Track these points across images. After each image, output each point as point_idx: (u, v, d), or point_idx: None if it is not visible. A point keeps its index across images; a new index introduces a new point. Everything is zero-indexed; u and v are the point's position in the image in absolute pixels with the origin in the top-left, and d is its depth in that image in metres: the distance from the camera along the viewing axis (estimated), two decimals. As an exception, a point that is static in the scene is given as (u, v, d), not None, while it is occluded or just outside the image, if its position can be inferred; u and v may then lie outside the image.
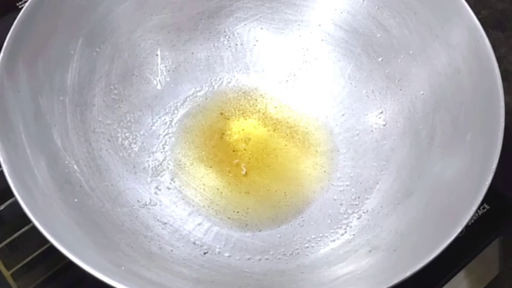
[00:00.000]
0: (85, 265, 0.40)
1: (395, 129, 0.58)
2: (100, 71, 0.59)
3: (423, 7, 0.57)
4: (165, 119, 0.62)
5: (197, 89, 0.64)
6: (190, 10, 0.65)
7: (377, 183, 0.56)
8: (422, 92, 0.56)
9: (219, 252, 0.53)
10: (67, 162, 0.52)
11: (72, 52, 0.57)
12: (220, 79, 0.65)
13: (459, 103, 0.52)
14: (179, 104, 0.63)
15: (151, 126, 0.61)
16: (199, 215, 0.55)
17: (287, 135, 0.61)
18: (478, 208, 0.43)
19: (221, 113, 0.59)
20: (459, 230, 0.42)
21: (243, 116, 0.61)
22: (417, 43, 0.57)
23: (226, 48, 0.66)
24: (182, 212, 0.56)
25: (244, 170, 0.58)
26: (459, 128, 0.51)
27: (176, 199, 0.56)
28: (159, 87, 0.63)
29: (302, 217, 0.56)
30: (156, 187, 0.57)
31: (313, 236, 0.53)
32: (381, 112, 0.60)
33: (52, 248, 0.41)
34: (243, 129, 0.59)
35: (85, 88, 0.58)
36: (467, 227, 0.42)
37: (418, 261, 0.41)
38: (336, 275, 0.48)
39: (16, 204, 0.43)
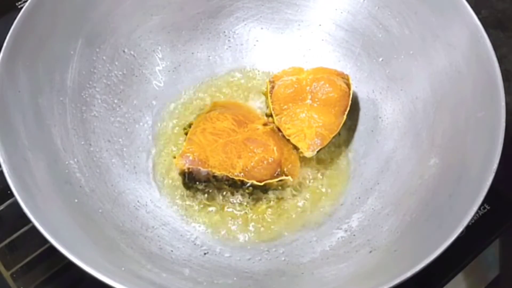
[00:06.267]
0: (85, 265, 0.40)
1: (395, 129, 0.58)
2: (100, 71, 0.59)
3: (424, 7, 0.57)
4: (166, 119, 0.62)
5: (198, 89, 0.64)
6: (190, 10, 0.65)
7: (378, 183, 0.55)
8: (422, 92, 0.56)
9: (219, 253, 0.53)
10: (67, 162, 0.52)
11: (72, 52, 0.57)
12: (221, 79, 0.65)
13: (459, 103, 0.52)
14: (179, 104, 0.63)
15: (152, 126, 0.61)
16: (200, 215, 0.55)
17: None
18: (479, 208, 0.43)
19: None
20: (460, 230, 0.42)
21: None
22: (418, 43, 0.57)
23: (227, 48, 0.66)
24: (182, 212, 0.56)
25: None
26: (459, 128, 0.51)
27: (177, 199, 0.56)
28: (159, 87, 0.63)
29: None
30: (156, 187, 0.57)
31: (314, 237, 0.53)
32: (382, 112, 0.60)
33: (52, 249, 0.41)
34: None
35: (85, 88, 0.58)
36: (467, 227, 0.42)
37: (419, 261, 0.41)
38: (337, 275, 0.48)
39: (16, 204, 0.43)
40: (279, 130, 0.59)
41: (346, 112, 0.58)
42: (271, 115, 0.60)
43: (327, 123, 0.58)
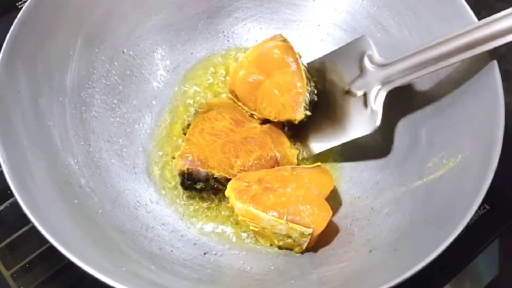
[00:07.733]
0: (85, 265, 0.40)
1: (395, 130, 0.58)
2: (99, 71, 0.59)
3: (423, 7, 0.57)
4: (165, 119, 0.62)
5: (197, 89, 0.64)
6: (189, 10, 0.65)
7: (378, 183, 0.56)
8: (422, 92, 0.56)
9: (219, 253, 0.53)
10: (67, 163, 0.52)
11: (71, 52, 0.57)
12: (220, 79, 0.65)
13: (459, 103, 0.52)
14: (179, 104, 0.63)
15: (151, 126, 0.61)
16: (200, 215, 0.55)
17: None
18: (479, 208, 0.43)
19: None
20: (459, 230, 0.42)
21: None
22: (417, 43, 0.57)
23: (226, 48, 0.66)
24: (182, 212, 0.56)
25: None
26: (459, 128, 0.51)
27: (176, 199, 0.56)
28: (158, 87, 0.63)
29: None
30: (156, 188, 0.57)
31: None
32: (382, 112, 0.60)
33: (52, 249, 0.41)
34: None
35: (84, 88, 0.58)
36: (467, 227, 0.42)
37: (419, 261, 0.41)
38: (336, 274, 0.48)
39: (15, 204, 0.43)
40: (268, 121, 0.59)
41: (301, 61, 0.58)
42: (253, 116, 0.60)
43: (290, 81, 0.58)
